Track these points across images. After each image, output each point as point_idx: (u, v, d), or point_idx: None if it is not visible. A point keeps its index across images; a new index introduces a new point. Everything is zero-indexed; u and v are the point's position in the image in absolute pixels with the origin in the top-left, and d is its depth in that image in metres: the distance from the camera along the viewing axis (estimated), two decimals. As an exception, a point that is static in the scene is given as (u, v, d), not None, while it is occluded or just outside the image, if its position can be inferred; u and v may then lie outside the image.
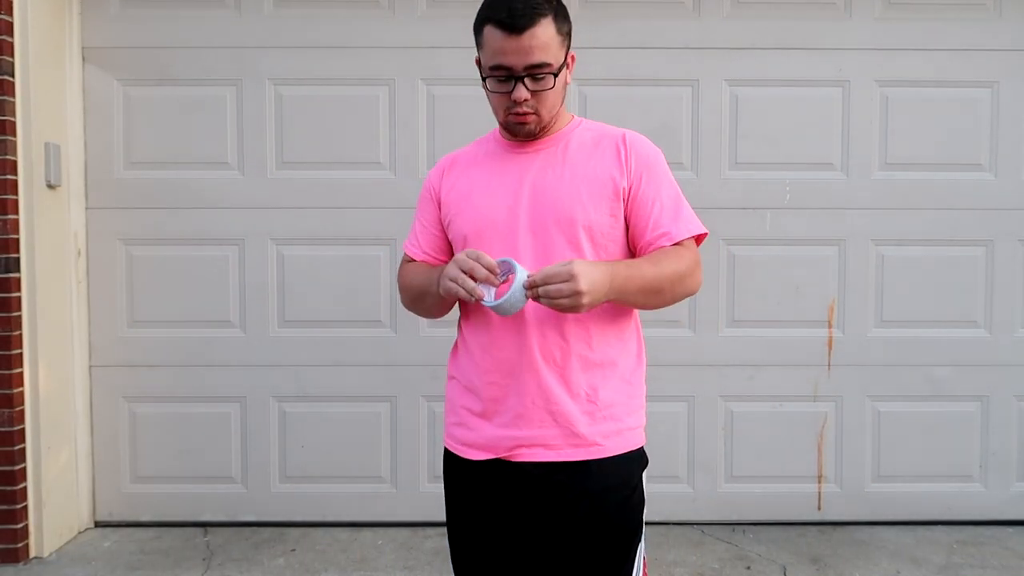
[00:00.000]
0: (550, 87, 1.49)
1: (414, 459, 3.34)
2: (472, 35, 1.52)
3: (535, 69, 1.46)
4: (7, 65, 2.91)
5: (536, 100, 1.50)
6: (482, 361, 1.55)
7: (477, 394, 1.56)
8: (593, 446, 1.50)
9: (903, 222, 3.30)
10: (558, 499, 1.50)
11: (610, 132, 1.59)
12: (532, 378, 1.50)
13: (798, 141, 3.30)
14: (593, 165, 1.54)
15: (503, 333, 1.51)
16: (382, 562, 3.03)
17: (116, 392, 3.32)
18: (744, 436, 3.34)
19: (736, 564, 3.00)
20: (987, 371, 3.34)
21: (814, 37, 3.27)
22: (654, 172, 1.55)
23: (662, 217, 1.52)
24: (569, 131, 1.59)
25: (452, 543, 1.65)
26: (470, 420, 1.57)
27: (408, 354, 3.30)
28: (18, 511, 2.96)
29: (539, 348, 1.49)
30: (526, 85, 1.47)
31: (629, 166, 1.53)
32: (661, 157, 1.58)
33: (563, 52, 1.50)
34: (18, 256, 2.96)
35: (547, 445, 1.50)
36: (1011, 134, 3.29)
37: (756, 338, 3.33)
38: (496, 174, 1.58)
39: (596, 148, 1.56)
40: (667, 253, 1.49)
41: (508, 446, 1.51)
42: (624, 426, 1.53)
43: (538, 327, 1.49)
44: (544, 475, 1.50)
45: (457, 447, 1.60)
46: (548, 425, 1.50)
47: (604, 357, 1.53)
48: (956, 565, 2.99)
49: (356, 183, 3.25)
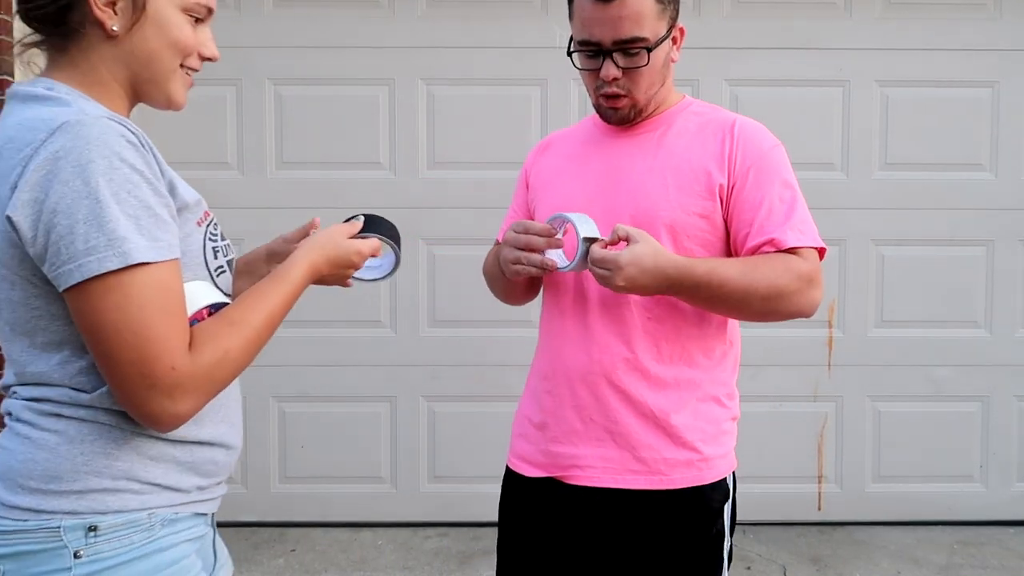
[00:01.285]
0: (644, 64, 1.28)
1: (414, 459, 3.34)
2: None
3: (626, 44, 1.27)
4: (7, 65, 2.90)
5: (628, 80, 1.30)
6: (544, 366, 1.41)
7: (538, 403, 1.41)
8: (657, 475, 1.31)
9: (903, 222, 3.30)
10: (614, 529, 1.32)
11: (720, 118, 1.37)
12: (589, 391, 1.33)
13: (798, 141, 3.29)
14: (689, 155, 1.33)
15: (564, 336, 1.36)
16: (382, 562, 3.03)
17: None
18: (744, 436, 3.31)
19: (736, 564, 2.99)
20: (988, 371, 3.33)
21: (814, 37, 3.27)
22: (766, 169, 1.32)
23: (768, 222, 1.28)
24: (674, 114, 1.39)
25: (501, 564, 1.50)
26: (529, 431, 1.42)
27: (408, 354, 3.29)
28: (18, 511, 2.94)
29: (600, 358, 1.32)
30: (616, 62, 1.28)
31: (734, 160, 1.31)
32: (779, 152, 1.36)
33: (664, 24, 1.30)
34: (18, 256, 2.94)
35: (604, 468, 1.33)
36: (1011, 134, 3.29)
37: (756, 338, 3.32)
38: (585, 159, 1.40)
39: (698, 135, 1.35)
40: (769, 260, 1.26)
41: (563, 464, 1.35)
42: (699, 456, 1.34)
43: (603, 334, 1.32)
44: (599, 500, 1.33)
45: (513, 461, 1.46)
46: (607, 445, 1.33)
47: (680, 375, 1.33)
48: (957, 565, 2.99)
49: (356, 183, 3.25)
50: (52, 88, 0.96)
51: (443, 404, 3.32)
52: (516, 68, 3.21)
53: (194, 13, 1.02)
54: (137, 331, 0.88)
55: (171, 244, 0.93)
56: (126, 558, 0.92)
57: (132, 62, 1.00)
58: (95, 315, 0.88)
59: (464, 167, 3.26)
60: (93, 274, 0.87)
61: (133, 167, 0.90)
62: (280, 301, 1.03)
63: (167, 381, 0.89)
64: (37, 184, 0.88)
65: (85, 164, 0.87)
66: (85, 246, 0.87)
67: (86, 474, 0.93)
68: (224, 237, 1.08)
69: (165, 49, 1.01)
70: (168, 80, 1.03)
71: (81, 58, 0.99)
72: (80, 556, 0.91)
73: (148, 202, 0.91)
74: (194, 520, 1.01)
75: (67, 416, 0.95)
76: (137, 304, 0.88)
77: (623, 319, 1.32)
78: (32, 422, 0.95)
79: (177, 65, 1.03)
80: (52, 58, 1.02)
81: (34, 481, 0.93)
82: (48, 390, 0.95)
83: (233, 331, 0.97)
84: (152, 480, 0.97)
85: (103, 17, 0.96)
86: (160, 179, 0.95)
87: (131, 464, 0.95)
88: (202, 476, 1.03)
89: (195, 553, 1.00)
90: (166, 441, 0.98)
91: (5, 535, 0.91)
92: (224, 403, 1.06)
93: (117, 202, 0.88)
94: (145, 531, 0.95)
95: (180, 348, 0.91)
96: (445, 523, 3.30)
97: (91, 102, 0.97)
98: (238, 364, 0.97)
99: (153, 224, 0.91)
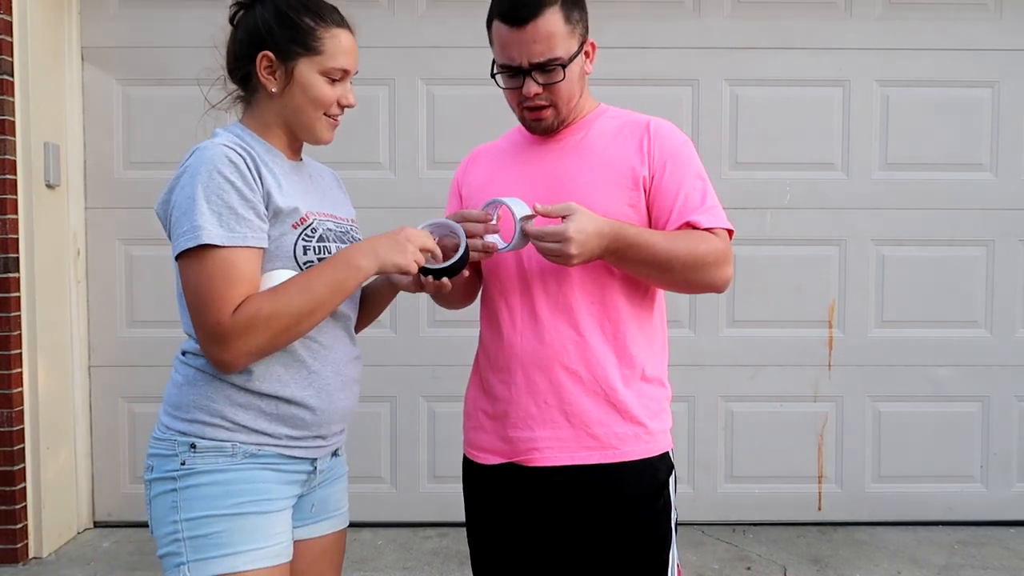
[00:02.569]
0: (560, 79, 1.40)
1: (414, 459, 3.34)
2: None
3: (542, 64, 1.39)
4: (7, 65, 2.90)
5: (550, 93, 1.42)
6: (495, 358, 1.49)
7: (491, 393, 1.50)
8: (609, 449, 1.42)
9: (903, 222, 3.30)
10: (574, 505, 1.42)
11: (635, 120, 1.50)
12: (543, 375, 1.43)
13: (798, 141, 3.30)
14: (612, 153, 1.45)
15: (513, 326, 1.45)
16: (382, 562, 3.02)
17: (115, 392, 3.32)
18: (744, 436, 3.34)
19: (736, 565, 2.99)
20: (988, 371, 3.33)
21: (814, 37, 3.27)
22: (679, 161, 1.45)
23: (686, 207, 1.42)
24: (592, 119, 1.51)
25: (473, 554, 1.60)
26: (484, 422, 1.51)
27: (408, 354, 3.29)
28: (17, 511, 2.95)
29: (551, 342, 1.42)
30: (536, 79, 1.40)
31: (652, 154, 1.44)
32: (689, 147, 1.48)
33: (575, 41, 1.41)
34: (17, 256, 2.96)
35: (561, 448, 1.43)
36: (1011, 134, 3.29)
37: (756, 338, 3.33)
38: (515, 165, 1.52)
39: (618, 136, 1.47)
40: (689, 234, 1.40)
41: (521, 449, 1.45)
42: (646, 430, 1.44)
43: (551, 320, 1.42)
44: (558, 480, 1.43)
45: (472, 452, 1.55)
46: (562, 426, 1.43)
47: (624, 354, 1.44)
48: (957, 566, 2.99)
49: (356, 183, 3.22)
50: (222, 128, 1.38)
51: (443, 404, 3.31)
52: (516, 68, 3.21)
53: (331, 76, 1.37)
54: (200, 294, 1.24)
55: (247, 236, 1.26)
56: (212, 469, 1.28)
57: (287, 113, 1.38)
58: (184, 280, 1.27)
59: (464, 167, 3.26)
60: (181, 249, 1.25)
61: (226, 178, 1.26)
62: (319, 274, 1.29)
63: (215, 332, 1.24)
64: (170, 187, 1.30)
65: (194, 175, 1.26)
66: (180, 230, 1.25)
67: (194, 408, 1.31)
68: (323, 239, 1.35)
69: (308, 104, 1.37)
70: (313, 126, 1.39)
71: (256, 108, 1.40)
72: (184, 464, 1.29)
73: (232, 204, 1.25)
74: (282, 460, 1.34)
75: (188, 364, 1.34)
76: (207, 274, 1.24)
77: (568, 306, 1.43)
78: (176, 365, 1.37)
79: (320, 115, 1.38)
80: (244, 108, 1.43)
81: (170, 407, 1.34)
82: (185, 342, 1.36)
83: (268, 297, 1.26)
84: (241, 423, 1.30)
85: (266, 81, 1.36)
86: (254, 190, 1.28)
87: (223, 407, 1.30)
88: (292, 428, 1.34)
89: (277, 481, 1.33)
90: (252, 393, 1.31)
91: (155, 440, 1.34)
92: (315, 375, 1.36)
93: (207, 201, 1.24)
94: (229, 457, 1.29)
95: (227, 309, 1.23)
96: (445, 523, 3.29)
97: (245, 134, 1.37)
98: (271, 323, 1.25)
99: (233, 220, 1.25)
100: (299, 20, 1.34)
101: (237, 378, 1.30)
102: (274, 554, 1.31)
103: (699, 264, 1.40)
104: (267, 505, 1.31)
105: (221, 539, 1.27)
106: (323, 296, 1.28)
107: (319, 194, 1.45)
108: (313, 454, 1.40)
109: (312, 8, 1.36)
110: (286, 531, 1.35)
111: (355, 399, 1.47)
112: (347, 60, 1.37)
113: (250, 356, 1.27)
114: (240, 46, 1.38)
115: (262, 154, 1.34)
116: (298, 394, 1.33)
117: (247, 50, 1.36)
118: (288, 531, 1.35)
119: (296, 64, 1.34)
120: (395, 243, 1.32)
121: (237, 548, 1.27)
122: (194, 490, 1.28)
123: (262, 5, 1.37)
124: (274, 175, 1.33)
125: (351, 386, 1.44)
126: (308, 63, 1.34)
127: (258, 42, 1.35)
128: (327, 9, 1.38)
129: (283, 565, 1.33)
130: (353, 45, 1.39)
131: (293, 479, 1.37)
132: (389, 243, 1.32)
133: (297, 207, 1.33)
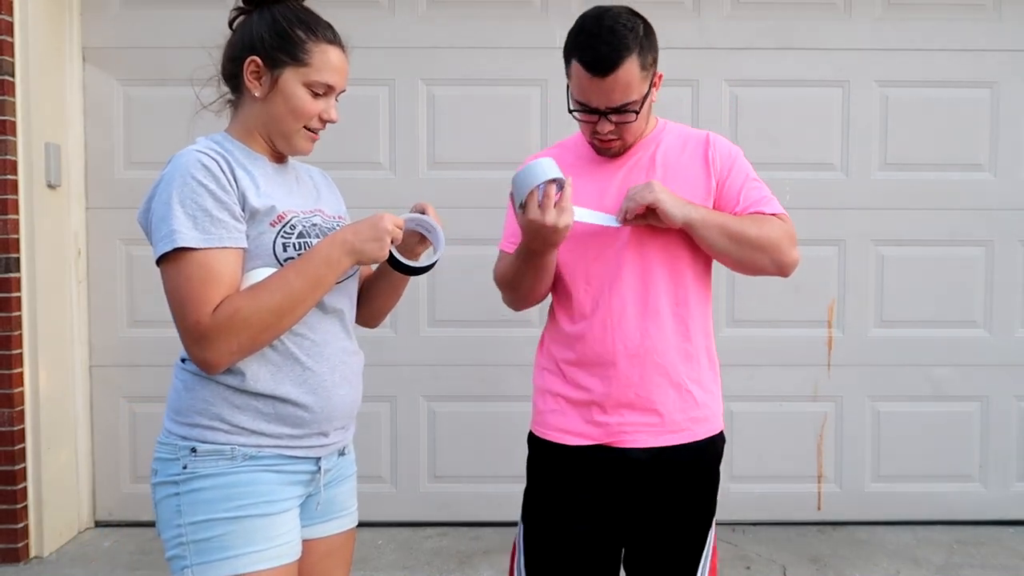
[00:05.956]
0: (633, 120, 1.54)
1: (414, 459, 3.34)
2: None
3: (617, 108, 1.51)
4: (7, 65, 2.91)
5: (620, 129, 1.55)
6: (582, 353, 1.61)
7: (575, 383, 1.63)
8: (686, 431, 1.61)
9: (903, 222, 3.30)
10: (654, 480, 1.60)
11: (695, 134, 1.67)
12: (636, 370, 1.58)
13: (798, 141, 3.30)
14: (684, 166, 1.62)
15: (596, 322, 1.59)
16: (382, 562, 3.03)
17: (116, 392, 3.32)
18: (744, 436, 3.34)
19: (736, 564, 3.00)
20: (987, 371, 3.34)
21: (814, 37, 3.27)
22: (739, 167, 1.64)
23: (749, 199, 1.61)
24: (656, 136, 1.65)
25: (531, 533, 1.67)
26: (567, 408, 1.64)
27: (408, 354, 3.30)
28: (18, 511, 2.96)
29: (642, 341, 1.57)
30: (610, 120, 1.53)
31: (716, 163, 1.62)
32: (742, 154, 1.67)
33: (648, 82, 1.54)
34: (18, 256, 2.96)
35: (648, 432, 1.59)
36: (1011, 134, 3.29)
37: (756, 338, 3.33)
38: (586, 178, 1.62)
39: (684, 151, 1.64)
40: (758, 218, 1.59)
41: (612, 432, 1.59)
42: (711, 412, 1.66)
43: (636, 318, 1.58)
44: (643, 458, 1.59)
45: (550, 433, 1.65)
46: (648, 414, 1.59)
47: (698, 350, 1.63)
48: (956, 565, 2.99)
49: (356, 183, 3.24)
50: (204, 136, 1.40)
51: (443, 404, 3.32)
52: (516, 68, 3.21)
53: (315, 89, 1.39)
54: (179, 296, 1.26)
55: (222, 236, 1.27)
56: (212, 473, 1.31)
57: (268, 120, 1.39)
58: (164, 284, 1.29)
59: (464, 167, 3.26)
60: (159, 254, 1.27)
61: (200, 182, 1.28)
62: (296, 270, 1.30)
63: (196, 333, 1.26)
64: (149, 196, 1.32)
65: (170, 182, 1.29)
66: (159, 235, 1.27)
67: (193, 412, 1.33)
68: (304, 235, 1.35)
69: (288, 114, 1.38)
70: (291, 136, 1.41)
71: (241, 113, 1.42)
72: (186, 468, 1.31)
73: (206, 207, 1.27)
74: (284, 460, 1.36)
75: (186, 369, 1.36)
76: (184, 276, 1.26)
77: (657, 310, 1.59)
78: (176, 372, 1.39)
79: (300, 127, 1.40)
80: (232, 112, 1.45)
81: (172, 412, 1.36)
82: (182, 348, 1.34)
83: (247, 296, 1.28)
84: (239, 424, 1.33)
85: (251, 85, 1.37)
86: (228, 192, 1.30)
87: (221, 409, 1.32)
88: (291, 426, 1.36)
89: (278, 482, 1.34)
90: (248, 393, 1.33)
91: (159, 445, 1.36)
92: (309, 372, 1.37)
93: (182, 206, 1.27)
94: (228, 460, 1.32)
95: (206, 309, 1.25)
96: (445, 523, 3.30)
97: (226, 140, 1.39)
98: (250, 320, 1.27)
99: (208, 222, 1.27)
100: (291, 31, 1.38)
101: (232, 380, 1.32)
102: (276, 555, 1.33)
103: (769, 242, 1.57)
104: (268, 507, 1.33)
105: (222, 542, 1.29)
106: (302, 291, 1.30)
107: (304, 194, 1.47)
108: (316, 453, 1.41)
109: (307, 22, 1.40)
110: (291, 531, 1.36)
111: (356, 394, 1.47)
112: (333, 76, 1.41)
113: (232, 355, 1.28)
114: (233, 49, 1.41)
115: (240, 158, 1.36)
116: (293, 392, 1.35)
117: (238, 53, 1.39)
118: (293, 531, 1.37)
119: (282, 73, 1.37)
120: (373, 232, 1.34)
121: (238, 550, 1.30)
122: (196, 494, 1.30)
123: (260, 13, 1.40)
124: (252, 177, 1.35)
125: (350, 381, 1.44)
126: (293, 73, 1.37)
127: (249, 47, 1.38)
128: (322, 25, 1.43)
129: (287, 565, 1.35)
130: (342, 63, 1.44)
131: (296, 479, 1.38)
132: (368, 233, 1.33)
133: (273, 206, 1.34)
